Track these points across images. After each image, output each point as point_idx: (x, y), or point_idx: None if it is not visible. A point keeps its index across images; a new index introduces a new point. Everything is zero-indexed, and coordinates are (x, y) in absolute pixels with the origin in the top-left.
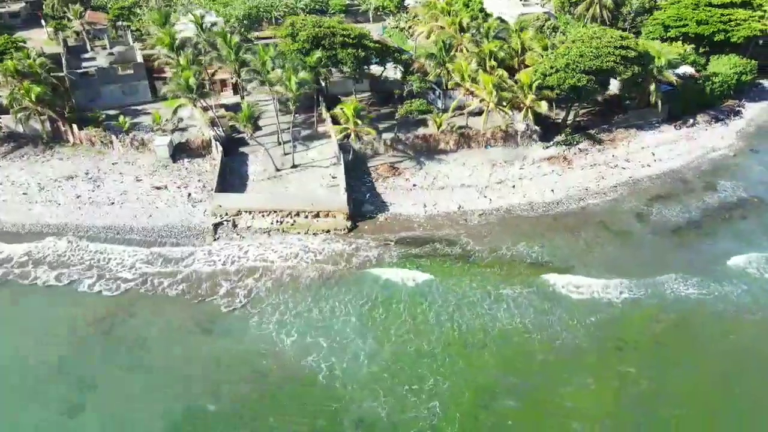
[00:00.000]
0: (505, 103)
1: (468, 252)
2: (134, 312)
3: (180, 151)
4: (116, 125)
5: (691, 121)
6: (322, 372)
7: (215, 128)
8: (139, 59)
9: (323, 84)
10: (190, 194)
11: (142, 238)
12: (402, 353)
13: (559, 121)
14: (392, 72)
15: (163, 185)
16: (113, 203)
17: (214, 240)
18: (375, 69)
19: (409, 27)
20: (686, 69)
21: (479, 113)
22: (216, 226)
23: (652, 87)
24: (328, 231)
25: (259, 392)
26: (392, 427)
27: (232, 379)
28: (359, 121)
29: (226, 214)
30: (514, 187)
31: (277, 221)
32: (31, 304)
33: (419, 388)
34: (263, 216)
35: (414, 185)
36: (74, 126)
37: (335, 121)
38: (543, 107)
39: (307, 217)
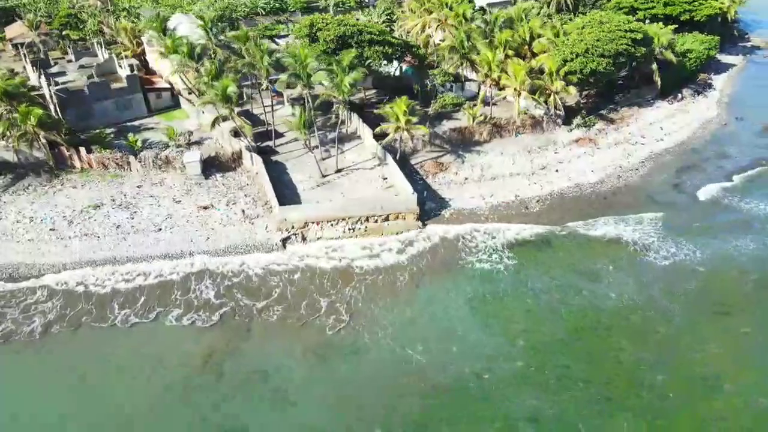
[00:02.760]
0: (534, 91)
1: (545, 237)
2: (239, 344)
3: (209, 166)
4: (127, 144)
5: (680, 96)
6: (470, 379)
7: (245, 138)
8: (126, 70)
9: None
10: (243, 210)
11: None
12: (535, 345)
13: (570, 105)
14: (392, 69)
15: (208, 204)
16: (160, 229)
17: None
18: (385, 66)
19: (383, 21)
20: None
21: (494, 103)
22: (284, 240)
23: (654, 66)
24: (400, 233)
25: (421, 410)
26: (567, 421)
27: (384, 403)
28: (411, 119)
29: (293, 227)
30: (557, 171)
31: (348, 229)
32: (122, 348)
33: (569, 377)
34: (332, 225)
35: (466, 179)
36: (81, 149)
37: (383, 119)
38: (572, 92)
39: (377, 221)
